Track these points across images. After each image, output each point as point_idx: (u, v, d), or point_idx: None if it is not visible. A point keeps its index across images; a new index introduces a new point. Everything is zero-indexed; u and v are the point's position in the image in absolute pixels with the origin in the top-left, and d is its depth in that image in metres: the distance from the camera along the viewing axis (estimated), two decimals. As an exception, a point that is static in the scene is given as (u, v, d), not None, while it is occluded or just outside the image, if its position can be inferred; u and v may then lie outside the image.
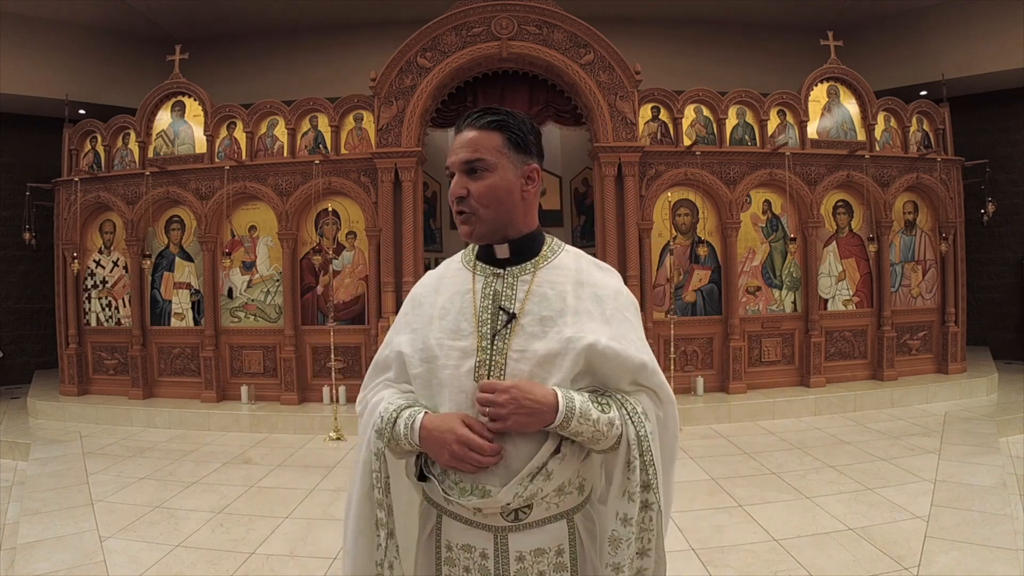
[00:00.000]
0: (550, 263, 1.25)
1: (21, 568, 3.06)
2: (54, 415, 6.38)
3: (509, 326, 1.18)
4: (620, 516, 1.14)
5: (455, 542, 1.19)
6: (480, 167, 1.19)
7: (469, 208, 1.20)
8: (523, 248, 1.25)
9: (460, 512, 1.18)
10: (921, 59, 8.02)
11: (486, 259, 1.27)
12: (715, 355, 6.45)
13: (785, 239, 6.56)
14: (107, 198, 6.66)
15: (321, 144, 6.46)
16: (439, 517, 1.22)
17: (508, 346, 1.17)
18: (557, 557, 1.18)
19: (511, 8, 6.05)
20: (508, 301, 1.21)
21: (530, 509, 1.15)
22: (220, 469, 4.74)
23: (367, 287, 6.40)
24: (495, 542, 1.16)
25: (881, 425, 5.48)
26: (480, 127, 1.20)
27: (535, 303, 1.19)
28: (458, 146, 1.21)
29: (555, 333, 1.16)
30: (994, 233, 8.27)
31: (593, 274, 1.26)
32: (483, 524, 1.16)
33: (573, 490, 1.19)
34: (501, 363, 1.16)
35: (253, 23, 8.48)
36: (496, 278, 1.24)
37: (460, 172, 1.21)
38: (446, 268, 1.34)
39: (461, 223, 1.23)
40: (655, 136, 6.45)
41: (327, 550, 3.31)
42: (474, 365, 1.17)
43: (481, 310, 1.21)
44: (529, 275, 1.23)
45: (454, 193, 1.21)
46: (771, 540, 3.28)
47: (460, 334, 1.20)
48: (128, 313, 6.73)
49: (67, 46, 7.86)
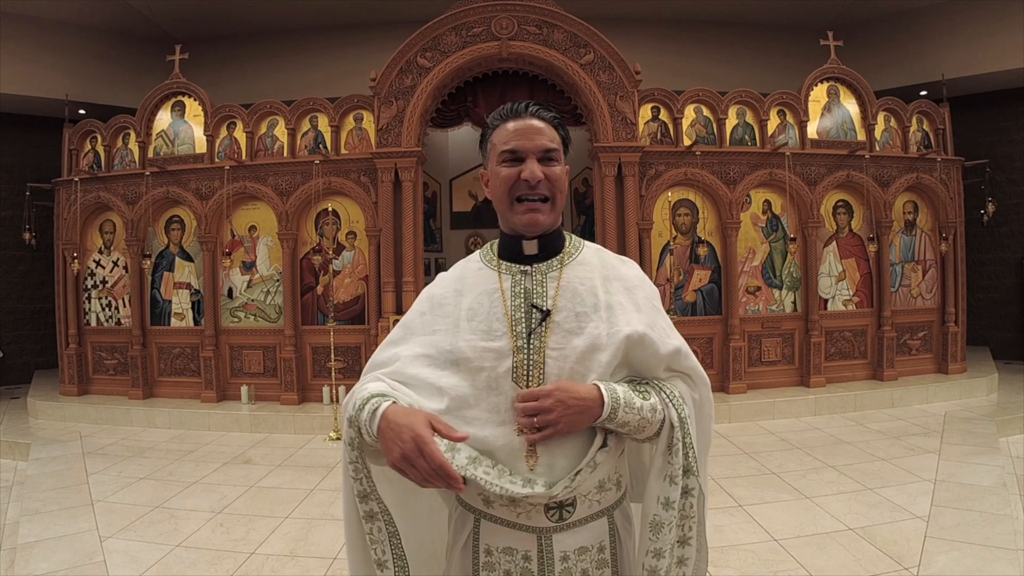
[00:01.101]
0: (575, 259, 1.24)
1: (21, 568, 3.06)
2: (54, 415, 6.38)
3: (544, 324, 1.16)
4: (662, 500, 1.15)
5: (495, 546, 1.16)
6: (554, 157, 1.19)
7: (548, 192, 1.18)
8: (550, 245, 1.24)
9: (502, 515, 1.14)
10: (921, 59, 8.02)
11: (510, 257, 1.25)
12: (715, 355, 6.45)
13: (785, 239, 6.56)
14: (107, 198, 6.66)
15: (321, 144, 6.46)
16: (476, 522, 1.18)
17: (545, 344, 1.15)
18: (599, 554, 1.17)
19: (511, 8, 6.05)
20: (540, 298, 1.19)
21: (573, 508, 1.14)
22: (220, 469, 4.73)
23: (367, 287, 6.40)
24: (539, 543, 1.14)
25: (881, 425, 5.47)
26: (546, 120, 1.20)
27: (567, 299, 1.19)
28: (528, 131, 1.18)
29: (592, 328, 1.16)
30: (994, 233, 8.27)
31: (618, 268, 1.27)
32: (526, 526, 1.14)
33: (612, 486, 1.19)
34: (540, 362, 1.14)
35: (253, 23, 8.48)
36: (524, 275, 1.22)
37: (534, 158, 1.18)
38: (464, 269, 1.30)
39: (531, 211, 1.18)
40: (655, 136, 6.45)
41: (327, 550, 3.31)
42: (512, 366, 1.14)
43: (513, 309, 1.19)
44: (556, 271, 1.22)
45: (534, 175, 1.16)
46: (771, 540, 3.28)
47: (493, 335, 1.17)
48: (128, 313, 6.73)
49: (67, 46, 7.86)
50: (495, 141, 1.22)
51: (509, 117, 1.21)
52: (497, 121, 1.23)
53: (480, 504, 1.16)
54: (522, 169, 1.17)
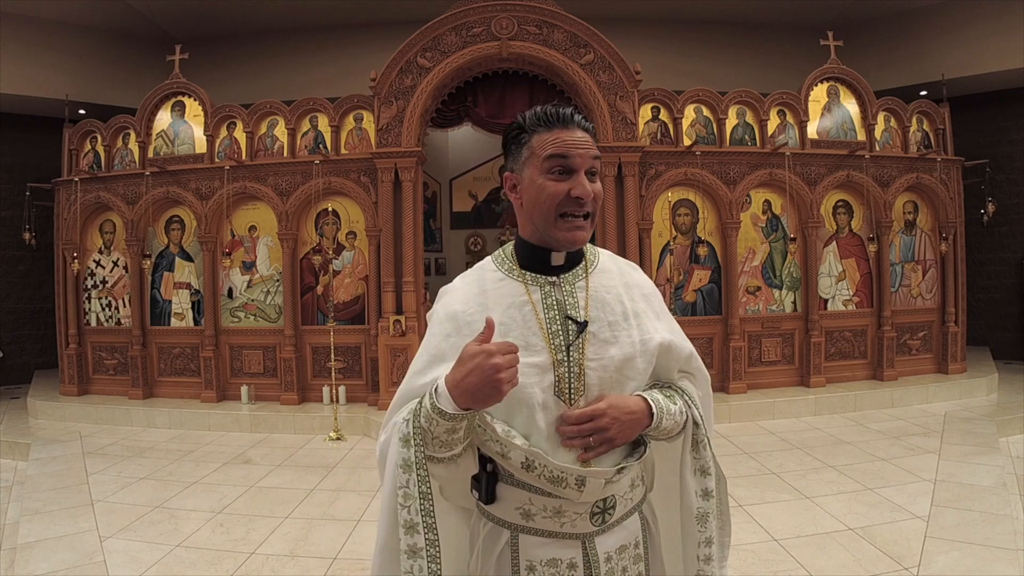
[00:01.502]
0: (596, 268, 1.24)
1: (21, 568, 3.06)
2: (54, 415, 6.38)
3: (582, 336, 1.15)
4: (700, 492, 1.22)
5: (538, 559, 1.13)
6: (597, 170, 1.16)
7: (592, 209, 1.15)
8: (574, 254, 1.22)
9: (544, 526, 1.13)
10: (921, 59, 8.02)
11: (535, 267, 1.20)
12: (715, 355, 6.45)
13: (785, 239, 6.56)
14: (107, 198, 6.66)
15: (321, 144, 6.46)
16: (513, 538, 1.14)
17: (584, 356, 1.14)
18: (635, 549, 1.20)
19: (511, 8, 6.05)
20: (573, 309, 1.17)
21: (615, 510, 1.16)
22: (220, 469, 4.74)
23: (367, 287, 6.40)
24: (584, 549, 1.14)
25: (881, 425, 5.47)
26: (590, 132, 1.17)
27: (598, 309, 1.18)
28: (578, 142, 1.13)
29: (625, 336, 1.17)
30: (994, 233, 8.27)
31: (632, 274, 1.29)
32: (571, 534, 1.13)
33: (639, 482, 1.22)
34: (579, 374, 1.13)
35: (253, 23, 8.48)
36: (553, 287, 1.19)
37: (584, 172, 1.13)
38: (481, 280, 1.22)
39: (576, 228, 1.14)
40: (655, 136, 6.45)
41: (327, 550, 3.31)
42: (554, 380, 1.12)
43: (549, 322, 1.15)
44: (583, 281, 1.21)
45: (587, 193, 1.12)
46: (771, 540, 3.28)
47: (532, 349, 1.13)
48: (128, 313, 6.73)
49: (67, 46, 7.86)
50: (537, 146, 1.14)
51: (555, 124, 1.14)
52: (540, 126, 1.15)
53: (518, 518, 1.14)
54: (573, 185, 1.12)
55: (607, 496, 1.14)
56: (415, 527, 1.04)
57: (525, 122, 1.17)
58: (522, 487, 1.12)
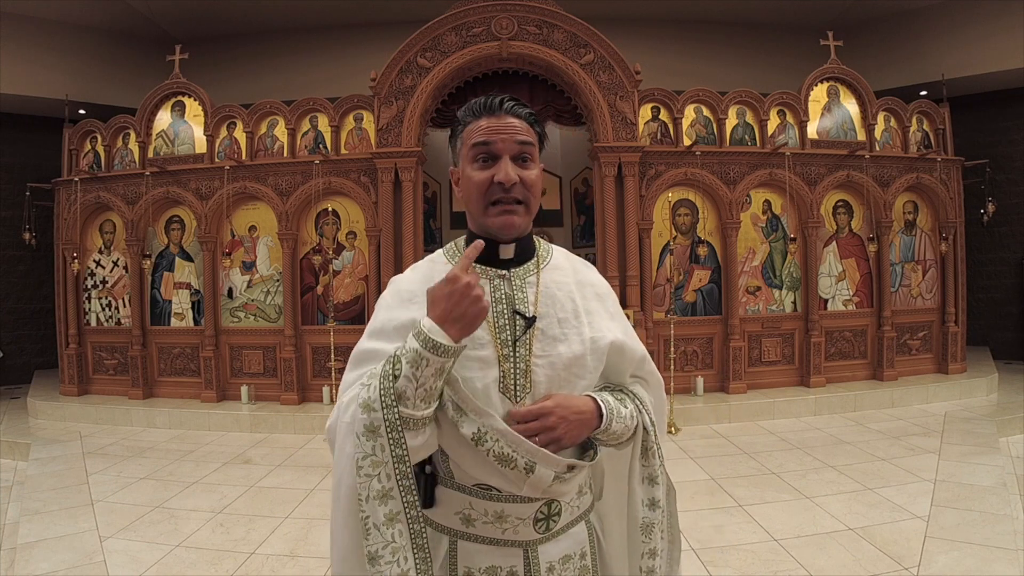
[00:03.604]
0: (549, 263, 1.21)
1: (21, 568, 3.06)
2: (54, 415, 6.38)
3: (529, 331, 1.12)
4: (646, 501, 1.17)
5: (476, 567, 1.10)
6: (529, 156, 1.12)
7: (522, 196, 1.11)
8: (525, 249, 1.19)
9: (485, 532, 1.09)
10: (921, 59, 8.02)
11: (485, 260, 1.16)
12: (715, 355, 6.45)
13: (785, 239, 6.56)
14: (107, 198, 6.66)
15: (321, 144, 6.46)
16: (452, 544, 1.11)
17: (531, 352, 1.11)
18: (581, 560, 1.16)
19: (511, 8, 6.05)
20: (521, 304, 1.14)
21: (559, 517, 1.13)
22: (220, 469, 4.74)
23: (367, 287, 6.40)
24: (525, 557, 1.11)
25: (881, 425, 5.47)
26: (522, 117, 1.13)
27: (548, 305, 1.15)
28: (503, 129, 1.10)
29: (575, 334, 1.14)
30: (994, 233, 8.27)
31: (586, 273, 1.26)
32: (512, 541, 1.10)
33: (587, 490, 1.19)
34: (525, 370, 1.10)
35: (253, 23, 8.48)
36: (503, 280, 1.16)
37: (509, 157, 1.10)
38: (431, 269, 1.20)
39: (507, 213, 1.11)
40: (655, 136, 6.45)
41: (327, 550, 3.31)
42: (499, 375, 1.09)
43: (496, 316, 1.13)
44: (534, 276, 1.18)
45: (508, 178, 1.09)
46: (771, 540, 3.28)
47: (477, 343, 1.09)
48: (128, 313, 6.73)
49: (67, 46, 7.86)
50: (465, 137, 1.14)
51: (482, 113, 1.13)
52: (469, 117, 1.14)
53: (458, 524, 1.10)
54: (495, 171, 1.10)
55: (552, 501, 1.11)
56: (388, 493, 0.96)
57: (459, 115, 1.17)
58: (462, 490, 1.09)
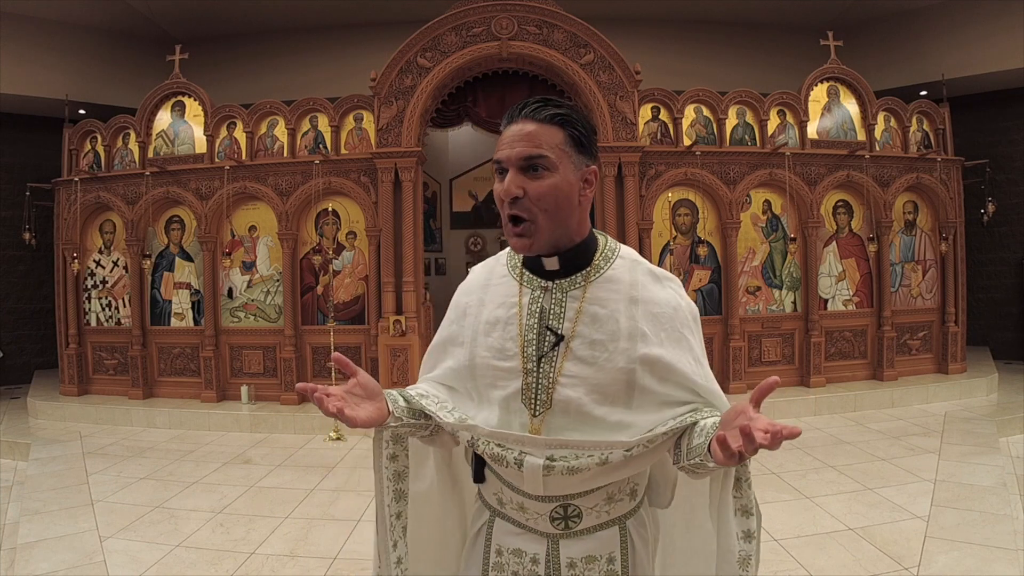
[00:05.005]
0: (603, 275, 1.13)
1: (21, 568, 3.06)
2: (54, 415, 6.38)
3: (556, 349, 1.09)
4: (741, 534, 1.12)
5: (505, 547, 1.17)
6: (541, 165, 1.04)
7: (527, 213, 1.04)
8: (574, 259, 1.12)
9: (513, 516, 1.16)
10: (921, 59, 8.02)
11: (533, 268, 1.15)
12: (715, 355, 6.44)
13: (785, 239, 6.56)
14: (107, 198, 6.66)
15: (321, 144, 6.46)
16: (491, 519, 1.20)
17: (556, 370, 1.08)
18: (609, 564, 1.14)
19: (511, 8, 6.05)
20: (556, 320, 1.10)
21: (579, 519, 1.12)
22: (220, 469, 4.74)
23: (367, 287, 6.40)
24: (547, 548, 1.14)
25: (881, 425, 5.47)
26: (541, 120, 1.05)
27: (585, 324, 1.09)
28: (513, 138, 1.05)
29: (606, 359, 1.08)
30: (994, 233, 8.26)
31: (648, 289, 1.14)
32: (535, 530, 1.14)
33: (624, 496, 1.15)
34: (548, 387, 1.08)
35: (253, 23, 8.48)
36: (544, 293, 1.13)
37: (515, 169, 1.05)
38: (491, 272, 1.22)
39: (516, 234, 1.06)
40: (655, 136, 6.45)
41: (327, 550, 3.31)
42: (521, 388, 1.09)
43: (527, 329, 1.11)
44: (579, 290, 1.11)
45: (508, 193, 1.04)
46: (771, 540, 3.27)
47: (504, 354, 1.11)
48: (128, 313, 6.73)
49: (67, 46, 7.85)
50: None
51: (508, 121, 1.09)
52: (503, 126, 1.12)
53: (496, 503, 1.19)
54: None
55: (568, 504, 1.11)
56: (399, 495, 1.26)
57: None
58: (498, 476, 1.15)
